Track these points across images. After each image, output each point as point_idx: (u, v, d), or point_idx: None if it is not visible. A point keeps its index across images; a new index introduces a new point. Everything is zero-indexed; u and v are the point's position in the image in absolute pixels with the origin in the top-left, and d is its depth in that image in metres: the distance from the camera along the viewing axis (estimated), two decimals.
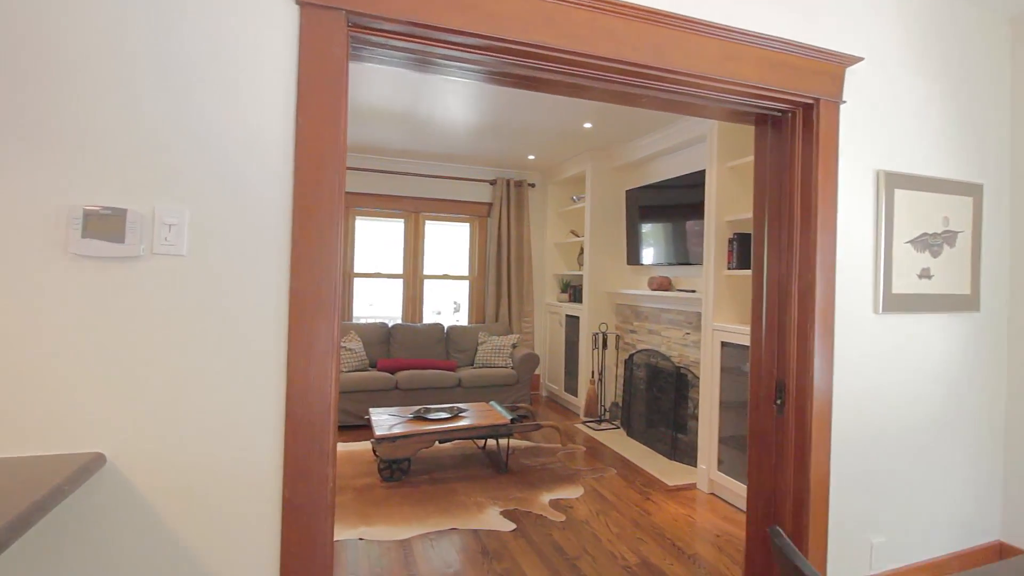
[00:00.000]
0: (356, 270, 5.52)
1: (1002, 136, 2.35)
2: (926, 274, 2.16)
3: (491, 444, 4.17)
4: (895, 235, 2.08)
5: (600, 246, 5.12)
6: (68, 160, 1.17)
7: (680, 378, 4.08)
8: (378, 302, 5.66)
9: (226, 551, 1.25)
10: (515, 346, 5.32)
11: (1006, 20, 2.37)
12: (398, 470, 3.48)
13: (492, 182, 5.87)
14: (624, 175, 5.16)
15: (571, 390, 5.44)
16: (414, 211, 5.66)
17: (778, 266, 2.06)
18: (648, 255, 4.67)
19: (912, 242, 2.13)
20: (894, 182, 2.08)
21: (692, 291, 4.04)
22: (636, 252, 4.85)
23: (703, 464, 3.44)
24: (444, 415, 3.71)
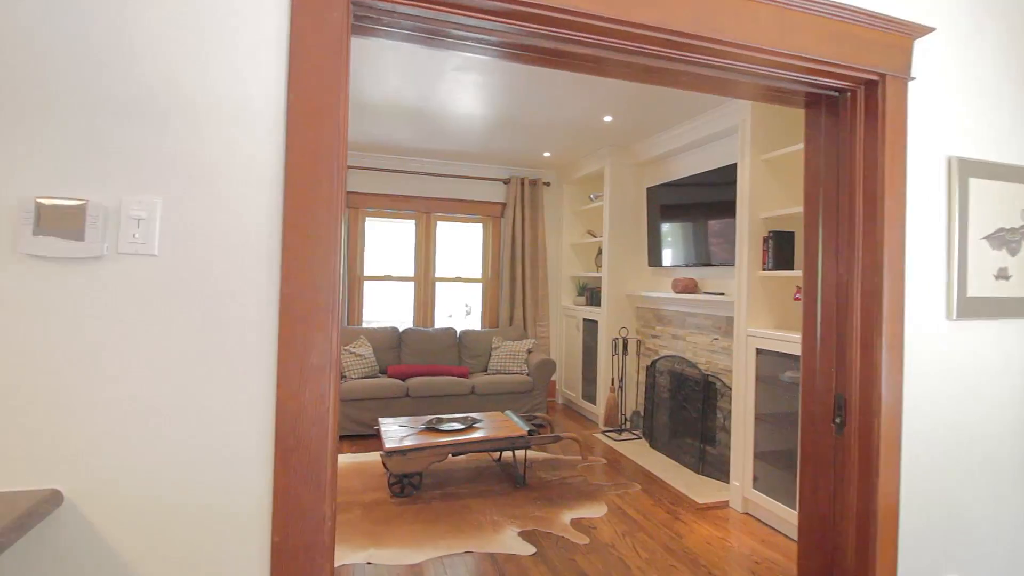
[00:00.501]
0: (366, 273, 5.34)
1: None
2: (1003, 274, 1.91)
3: (507, 456, 3.95)
4: (969, 230, 1.84)
5: (619, 247, 4.89)
6: (11, 139, 0.97)
7: (708, 387, 3.84)
8: (388, 306, 5.48)
9: None
10: (530, 351, 5.11)
11: None
12: (409, 485, 3.27)
13: (506, 181, 5.66)
14: (645, 172, 4.93)
15: (589, 397, 5.21)
16: (425, 211, 5.48)
17: (836, 268, 1.83)
18: (671, 256, 4.43)
19: (988, 238, 1.88)
20: (968, 170, 1.83)
21: (721, 294, 3.80)
22: (657, 253, 4.61)
23: (736, 481, 3.20)
24: (457, 426, 3.50)
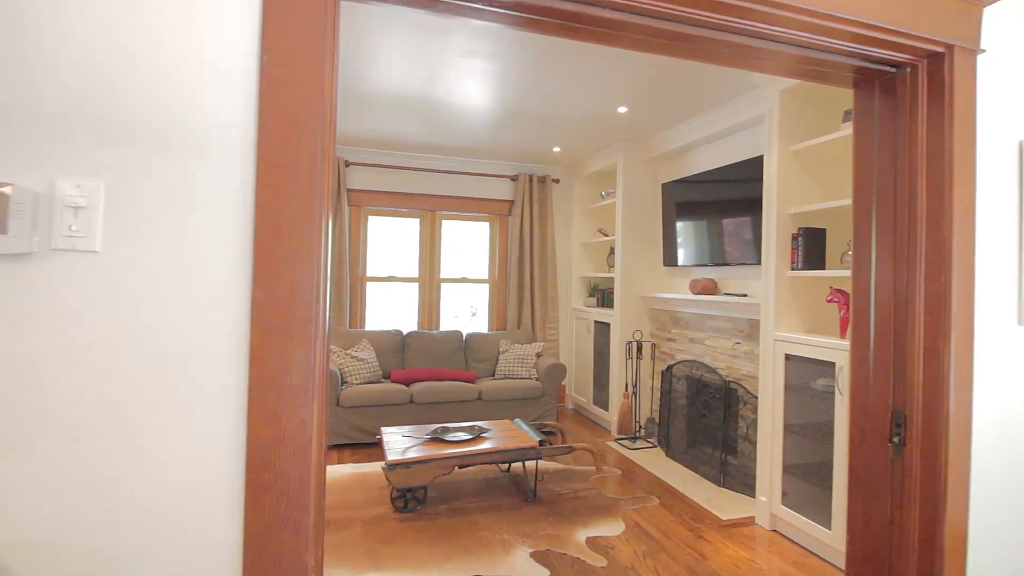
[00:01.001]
0: (369, 274, 5.15)
1: None
2: None
3: (516, 467, 3.75)
4: None
5: (633, 246, 4.68)
6: None
7: (729, 393, 3.62)
8: (392, 308, 5.29)
9: None
10: (539, 355, 4.91)
11: None
12: (413, 499, 3.08)
13: (513, 178, 5.47)
14: (660, 167, 4.71)
15: (601, 403, 5.00)
16: (430, 210, 5.28)
17: (893, 267, 1.62)
18: (688, 255, 4.22)
19: None
20: None
21: (743, 295, 3.58)
22: (673, 252, 4.40)
23: (763, 496, 2.98)
24: (464, 436, 3.30)
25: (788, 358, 2.87)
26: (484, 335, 5.05)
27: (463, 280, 5.47)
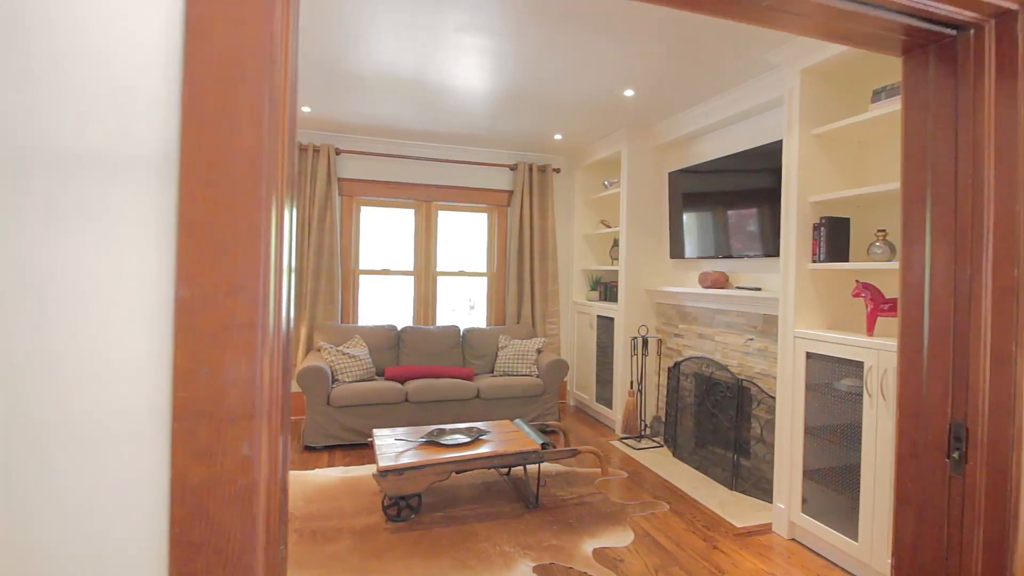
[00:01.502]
0: (362, 267, 4.93)
1: None
2: None
3: (517, 470, 3.56)
4: None
5: (637, 238, 4.46)
6: None
7: (742, 392, 3.43)
8: (386, 302, 5.07)
9: None
10: (540, 351, 4.70)
11: None
12: (407, 507, 2.88)
13: (512, 167, 5.24)
14: (666, 156, 4.49)
15: (604, 401, 4.81)
16: (425, 200, 5.06)
17: (953, 259, 1.41)
18: (696, 247, 4.01)
19: None
20: None
21: (757, 289, 3.38)
22: (680, 244, 4.19)
23: (781, 503, 2.79)
24: (462, 439, 3.10)
25: (809, 356, 2.67)
26: (482, 330, 4.84)
27: (460, 273, 5.26)
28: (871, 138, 2.74)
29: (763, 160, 3.36)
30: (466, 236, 5.31)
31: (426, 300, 5.07)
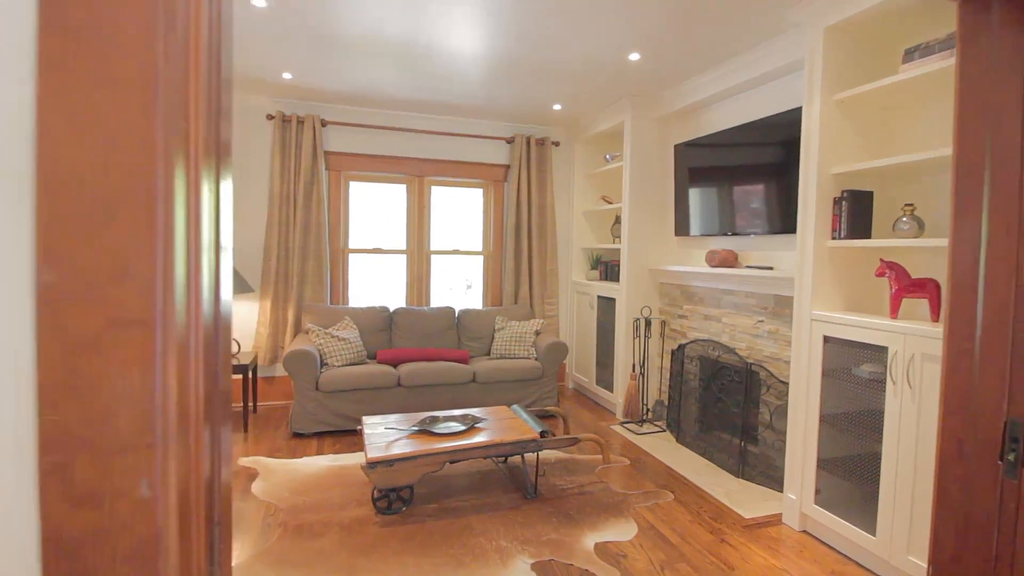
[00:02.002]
0: (351, 246, 4.72)
1: None
2: None
3: (515, 458, 3.42)
4: None
5: (640, 214, 4.26)
6: None
7: (751, 376, 3.27)
8: (378, 283, 4.88)
9: None
10: (538, 333, 4.53)
11: None
12: (398, 499, 2.74)
13: (509, 140, 4.99)
14: (672, 127, 4.26)
15: (604, 383, 4.66)
16: (417, 175, 4.82)
17: (1017, 236, 1.22)
18: (703, 225, 3.81)
19: None
20: None
21: (769, 268, 3.20)
22: (685, 221, 3.99)
23: (792, 493, 2.65)
24: (456, 427, 2.94)
25: (827, 340, 2.50)
26: (478, 311, 4.66)
27: (455, 252, 5.05)
28: (899, 104, 2.53)
29: (778, 131, 3.14)
30: (461, 213, 5.09)
31: (419, 280, 4.88)
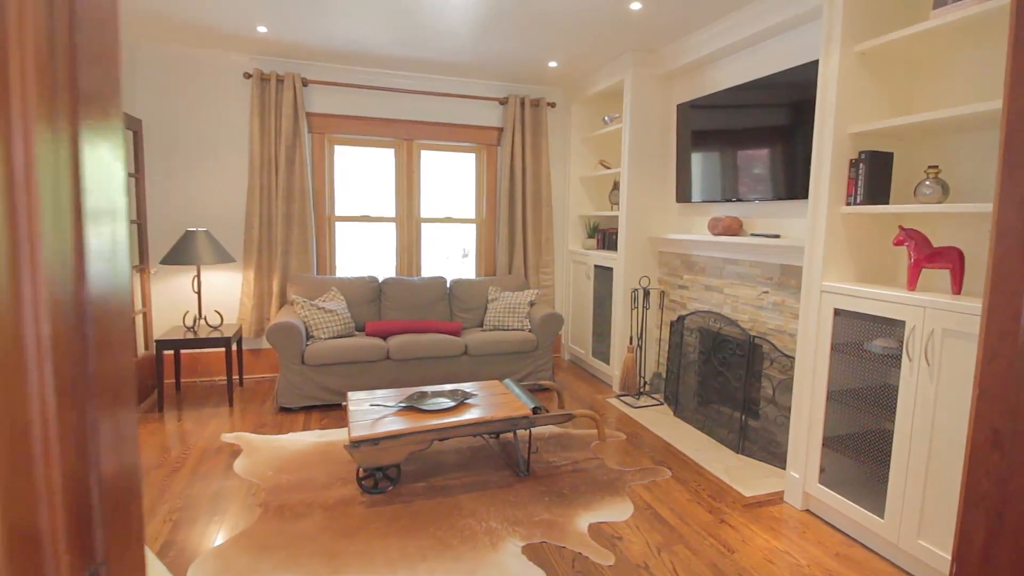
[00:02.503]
0: (338, 213, 4.52)
1: None
2: None
3: (507, 434, 3.30)
4: None
5: (640, 180, 4.05)
6: None
7: (753, 349, 3.13)
8: (366, 252, 4.69)
9: None
10: (533, 304, 4.38)
11: None
12: (385, 479, 2.63)
13: (502, 101, 4.73)
14: (675, 85, 4.01)
15: (601, 355, 4.54)
16: (406, 138, 4.58)
17: None
18: (706, 190, 3.61)
19: None
20: None
21: (776, 235, 3.02)
22: (687, 186, 3.79)
23: (795, 472, 2.55)
24: (445, 403, 2.81)
25: (838, 313, 2.35)
26: (471, 281, 4.50)
27: (447, 220, 4.85)
28: (926, 56, 2.31)
29: (788, 89, 2.91)
30: (453, 179, 4.87)
31: (409, 249, 4.69)
